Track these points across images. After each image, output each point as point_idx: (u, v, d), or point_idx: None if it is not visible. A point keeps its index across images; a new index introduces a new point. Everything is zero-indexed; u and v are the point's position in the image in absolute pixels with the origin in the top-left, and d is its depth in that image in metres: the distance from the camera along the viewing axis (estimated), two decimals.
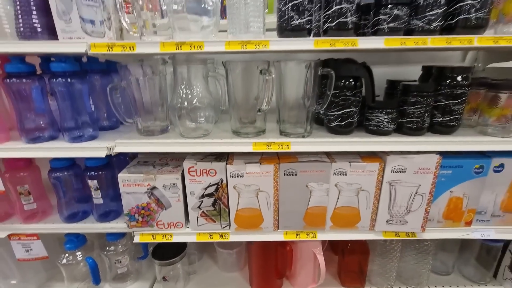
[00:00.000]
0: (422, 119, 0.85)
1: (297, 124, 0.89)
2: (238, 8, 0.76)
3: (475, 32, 0.77)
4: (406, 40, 0.72)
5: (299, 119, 0.88)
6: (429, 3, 0.75)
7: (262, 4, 0.77)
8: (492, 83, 0.85)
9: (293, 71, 0.83)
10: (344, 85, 0.83)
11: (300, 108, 0.87)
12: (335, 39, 0.73)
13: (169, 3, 0.75)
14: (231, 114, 0.89)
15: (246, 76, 0.83)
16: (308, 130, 0.89)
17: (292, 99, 0.86)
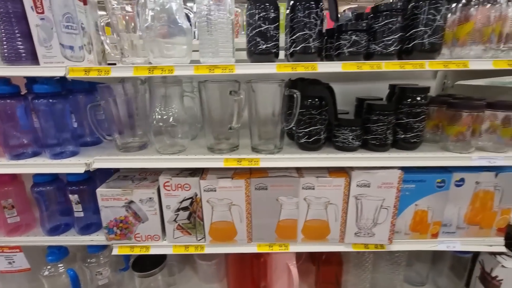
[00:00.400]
0: (384, 136, 0.90)
1: (268, 140, 0.94)
2: (207, 34, 0.82)
3: (429, 55, 0.82)
4: (362, 64, 0.78)
5: (269, 136, 0.93)
6: (384, 30, 0.81)
7: (230, 30, 0.83)
8: (450, 101, 0.90)
9: (263, 91, 0.88)
10: (310, 104, 0.89)
11: (270, 125, 0.92)
12: (296, 64, 0.78)
13: (143, 25, 0.81)
14: (205, 131, 0.94)
15: (218, 95, 0.88)
16: (278, 146, 0.94)
17: (262, 117, 0.91)
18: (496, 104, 0.88)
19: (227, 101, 0.88)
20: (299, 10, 0.80)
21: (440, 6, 0.78)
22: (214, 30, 0.81)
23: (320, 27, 0.82)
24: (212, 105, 0.90)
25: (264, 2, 0.80)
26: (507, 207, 0.95)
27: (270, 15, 0.81)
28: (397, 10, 0.80)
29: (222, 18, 0.81)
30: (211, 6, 0.80)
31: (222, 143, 0.95)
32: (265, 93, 0.89)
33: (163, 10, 0.79)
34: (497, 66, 0.77)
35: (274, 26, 0.82)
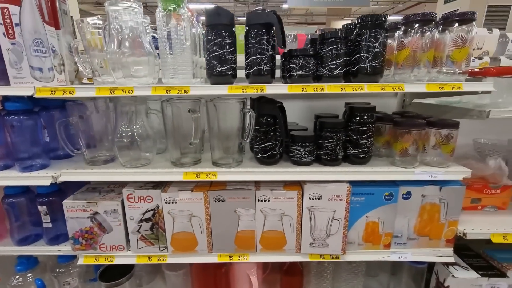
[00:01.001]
0: (335, 152, 0.97)
1: (228, 155, 1.00)
2: (167, 56, 0.89)
3: (371, 78, 0.90)
4: (306, 86, 0.85)
5: (229, 151, 0.99)
6: (329, 55, 0.89)
7: (189, 53, 0.91)
8: (395, 120, 0.97)
9: (222, 109, 0.95)
10: (264, 122, 0.95)
11: (230, 141, 0.98)
12: (246, 86, 0.85)
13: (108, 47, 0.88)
14: (168, 146, 1.00)
15: (178, 113, 0.95)
16: (237, 160, 1.00)
17: (222, 133, 0.97)
18: (436, 122, 0.95)
19: (187, 118, 0.94)
20: (251, 37, 0.88)
21: (378, 35, 0.86)
22: (173, 53, 0.88)
23: (272, 52, 0.90)
24: (174, 122, 0.96)
25: (219, 29, 0.87)
26: (453, 219, 1.01)
27: (225, 41, 0.88)
28: (340, 38, 0.88)
29: (181, 42, 0.88)
30: (171, 30, 0.87)
31: (185, 157, 1.01)
32: (225, 111, 0.95)
33: (126, 33, 0.86)
34: (429, 89, 0.85)
35: (230, 50, 0.90)
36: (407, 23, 0.89)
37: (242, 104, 0.97)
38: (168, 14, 0.85)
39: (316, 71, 0.93)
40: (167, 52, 0.89)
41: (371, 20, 0.87)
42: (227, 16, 0.88)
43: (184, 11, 0.88)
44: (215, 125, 0.96)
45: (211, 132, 0.98)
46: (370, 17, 0.87)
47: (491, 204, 1.13)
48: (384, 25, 0.87)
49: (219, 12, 0.86)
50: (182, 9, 0.86)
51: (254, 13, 0.88)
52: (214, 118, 0.96)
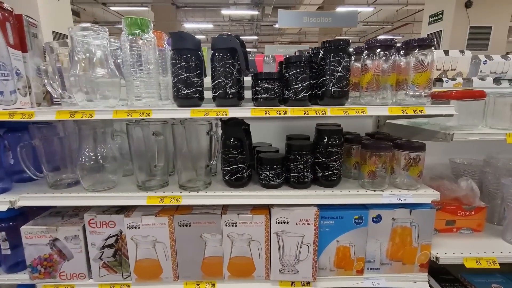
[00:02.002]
0: (303, 175, 0.95)
1: (195, 177, 0.98)
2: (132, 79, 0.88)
3: (336, 101, 0.91)
4: (269, 110, 0.85)
5: (196, 173, 0.97)
6: (293, 79, 0.90)
7: (154, 76, 0.91)
8: (363, 142, 0.97)
9: (189, 131, 0.94)
10: (231, 144, 0.94)
11: (196, 163, 0.96)
12: (208, 109, 0.85)
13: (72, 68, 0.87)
14: (134, 169, 0.98)
15: (144, 136, 0.94)
16: (206, 182, 0.98)
17: (189, 155, 0.96)
18: (402, 145, 0.95)
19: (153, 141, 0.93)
20: (217, 60, 0.89)
21: (341, 59, 0.88)
22: (137, 76, 0.88)
23: (237, 75, 0.90)
24: (139, 144, 0.94)
25: (184, 53, 0.88)
26: (425, 243, 0.99)
27: (190, 65, 0.89)
28: (304, 62, 0.89)
29: (145, 66, 0.89)
30: (135, 54, 0.87)
31: (152, 180, 0.99)
32: (192, 133, 0.95)
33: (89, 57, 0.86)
34: (392, 112, 0.85)
35: (196, 74, 0.90)
36: (369, 48, 0.90)
37: (210, 126, 0.96)
38: (132, 38, 0.86)
39: (282, 94, 0.93)
40: (132, 75, 0.89)
41: (334, 45, 0.89)
42: (192, 41, 0.89)
43: (149, 36, 0.89)
44: (182, 147, 0.95)
45: (178, 154, 0.96)
46: (333, 42, 0.89)
47: (466, 226, 1.12)
48: (347, 50, 0.89)
49: (183, 37, 0.87)
50: (146, 34, 0.87)
51: (218, 38, 0.89)
52: (181, 140, 0.95)
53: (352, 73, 1.02)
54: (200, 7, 10.51)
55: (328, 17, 5.95)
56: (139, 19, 0.86)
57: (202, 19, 11.92)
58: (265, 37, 15.01)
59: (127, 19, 0.85)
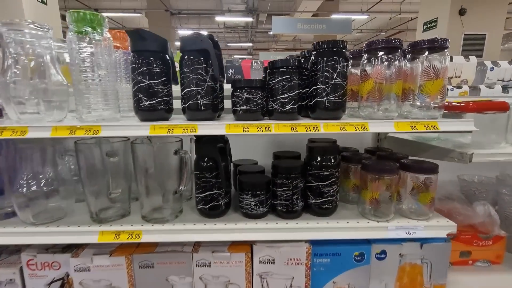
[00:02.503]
0: (291, 202, 0.79)
1: (161, 206, 0.81)
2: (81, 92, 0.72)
3: (331, 114, 0.75)
4: (249, 125, 0.69)
5: (162, 201, 0.80)
6: (279, 87, 0.74)
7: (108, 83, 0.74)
8: (363, 163, 0.81)
9: (153, 151, 0.78)
10: (204, 166, 0.78)
11: (163, 189, 0.79)
12: (173, 125, 0.68)
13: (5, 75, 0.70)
14: (86, 197, 0.81)
15: (97, 156, 0.77)
16: (175, 211, 0.81)
17: (152, 180, 0.79)
18: (410, 166, 0.79)
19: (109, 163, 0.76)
20: (186, 65, 0.73)
21: (336, 64, 0.73)
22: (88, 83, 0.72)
23: (211, 83, 0.74)
24: (91, 167, 0.77)
25: (147, 56, 0.72)
26: (439, 283, 0.82)
27: (154, 70, 0.73)
28: (292, 67, 0.73)
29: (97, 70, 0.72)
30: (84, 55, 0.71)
31: (109, 209, 0.81)
32: (157, 153, 0.78)
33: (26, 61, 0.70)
34: (399, 129, 0.70)
35: (161, 81, 0.74)
36: (369, 50, 0.75)
37: (179, 144, 0.80)
38: (80, 37, 0.70)
39: (266, 106, 0.78)
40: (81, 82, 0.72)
41: (328, 47, 0.74)
42: (155, 41, 0.73)
43: (103, 35, 0.73)
44: (146, 170, 0.78)
45: (141, 178, 0.79)
46: (327, 44, 0.74)
47: (483, 257, 0.96)
48: (343, 53, 0.74)
49: (144, 36, 0.71)
50: (98, 33, 0.71)
51: (187, 38, 0.73)
52: (145, 161, 0.78)
53: (349, 81, 0.87)
54: (194, 14, 10.46)
55: (322, 24, 5.88)
56: (89, 13, 0.70)
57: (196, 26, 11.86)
58: (260, 44, 15.02)
59: (73, 13, 0.69)
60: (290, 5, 9.11)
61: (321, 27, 5.87)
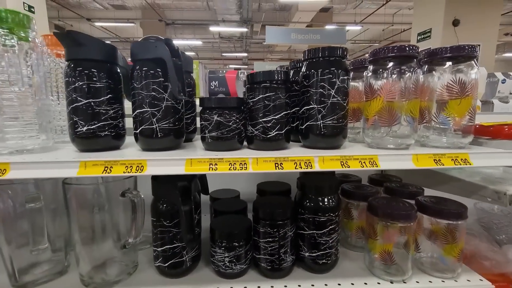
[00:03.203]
0: (278, 257, 0.60)
1: (108, 261, 0.61)
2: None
3: (329, 141, 0.58)
4: (218, 161, 0.51)
5: (108, 256, 0.61)
6: (259, 108, 0.56)
7: (31, 102, 0.56)
8: (371, 204, 0.63)
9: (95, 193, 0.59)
10: (162, 211, 0.59)
11: (106, 243, 0.60)
12: (110, 161, 0.49)
13: None
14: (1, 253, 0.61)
15: (14, 200, 0.57)
16: (129, 266, 0.61)
17: (93, 231, 0.59)
18: (432, 208, 0.61)
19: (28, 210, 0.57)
20: (137, 79, 0.55)
21: (333, 78, 0.55)
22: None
23: (171, 102, 0.56)
24: (5, 215, 0.58)
25: (85, 66, 0.54)
26: None
27: (94, 85, 0.55)
28: (277, 81, 0.56)
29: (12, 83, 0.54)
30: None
31: (36, 267, 0.61)
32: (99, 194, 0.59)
33: None
34: (420, 165, 0.52)
35: (105, 99, 0.56)
36: (376, 60, 0.59)
37: (133, 181, 0.61)
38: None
39: (245, 131, 0.60)
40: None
41: (323, 56, 0.57)
42: (96, 48, 0.55)
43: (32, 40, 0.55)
44: (83, 217, 0.59)
45: (76, 228, 0.59)
46: (321, 52, 0.57)
47: None
48: (343, 64, 0.57)
49: (80, 41, 0.54)
50: (15, 39, 0.53)
51: (137, 44, 0.56)
52: (80, 206, 0.59)
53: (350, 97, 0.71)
54: (188, 24, 10.42)
55: (317, 34, 5.82)
56: (4, 10, 0.52)
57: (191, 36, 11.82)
58: (255, 54, 15.03)
59: None
60: (285, 16, 9.12)
61: (315, 37, 5.80)
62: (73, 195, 0.56)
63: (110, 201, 0.59)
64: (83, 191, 0.57)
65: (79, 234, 0.57)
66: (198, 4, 8.90)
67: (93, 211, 0.57)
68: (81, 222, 0.57)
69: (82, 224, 0.57)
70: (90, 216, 0.57)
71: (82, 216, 0.57)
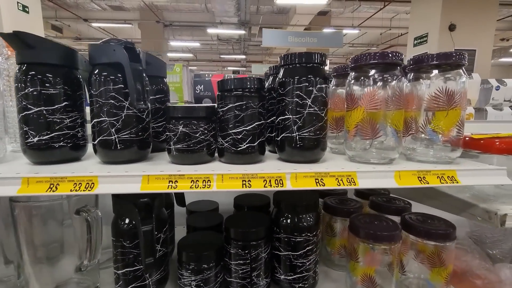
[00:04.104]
0: (249, 281, 0.55)
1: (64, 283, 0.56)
2: None
3: (306, 155, 0.53)
4: (178, 178, 0.46)
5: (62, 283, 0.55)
6: (229, 119, 0.51)
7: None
8: (353, 223, 0.58)
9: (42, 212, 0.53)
10: (122, 231, 0.53)
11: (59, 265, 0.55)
12: (56, 178, 0.44)
13: None
14: None
15: None
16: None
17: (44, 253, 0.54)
18: (417, 227, 0.57)
19: None
20: (94, 85, 0.50)
21: (310, 86, 0.51)
22: None
23: (131, 111, 0.51)
24: None
25: (38, 71, 0.49)
26: None
27: (46, 92, 0.50)
28: (248, 90, 0.51)
29: None
30: None
31: None
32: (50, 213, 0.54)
33: None
34: (402, 183, 0.48)
35: (60, 107, 0.51)
36: (358, 67, 0.54)
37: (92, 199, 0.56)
38: None
39: (215, 143, 0.55)
40: None
41: (300, 62, 0.52)
42: (49, 50, 0.50)
43: None
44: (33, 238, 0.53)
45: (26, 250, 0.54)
46: (298, 57, 0.52)
47: None
48: (321, 71, 0.53)
49: (30, 43, 0.49)
50: None
51: (94, 47, 0.51)
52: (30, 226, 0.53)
53: (334, 105, 0.66)
54: (186, 26, 10.39)
55: (314, 37, 5.80)
56: None
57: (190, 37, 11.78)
58: (253, 57, 15.03)
59: None
60: (283, 19, 9.11)
61: (312, 40, 5.78)
62: (20, 214, 0.51)
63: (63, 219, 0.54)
64: (32, 210, 0.51)
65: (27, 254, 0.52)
66: (197, 6, 8.88)
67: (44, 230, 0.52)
68: (30, 242, 0.52)
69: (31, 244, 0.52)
70: (40, 235, 0.52)
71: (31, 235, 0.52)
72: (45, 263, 0.54)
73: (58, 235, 0.54)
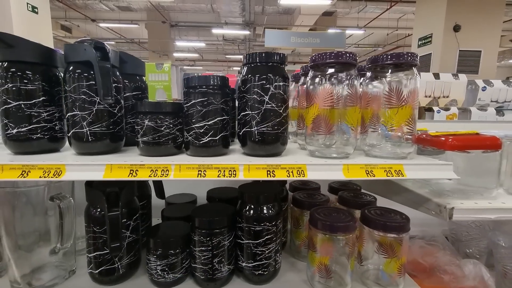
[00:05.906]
0: (211, 267, 0.59)
1: (43, 265, 0.60)
2: None
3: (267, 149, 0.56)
4: (139, 167, 0.49)
5: (43, 260, 0.60)
6: (193, 114, 0.55)
7: None
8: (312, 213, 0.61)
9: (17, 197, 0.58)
10: (92, 217, 0.58)
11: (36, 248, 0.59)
12: (29, 165, 0.49)
13: None
14: None
15: None
16: (67, 270, 0.61)
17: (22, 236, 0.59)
18: (371, 220, 0.59)
19: None
20: (68, 81, 0.54)
21: (267, 84, 0.54)
22: None
23: (102, 105, 0.56)
24: None
25: (17, 68, 0.54)
26: None
27: (24, 88, 0.54)
28: (211, 86, 0.55)
29: None
30: None
31: None
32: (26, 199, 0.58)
33: None
34: (349, 176, 0.50)
35: (37, 102, 0.56)
36: (316, 66, 0.57)
37: (69, 186, 0.60)
38: None
39: (182, 136, 0.59)
40: None
41: (260, 61, 0.56)
42: (26, 50, 0.55)
43: None
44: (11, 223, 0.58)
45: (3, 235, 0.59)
46: (258, 57, 0.56)
47: None
48: (280, 70, 0.56)
49: (8, 43, 0.53)
50: None
51: (69, 46, 0.55)
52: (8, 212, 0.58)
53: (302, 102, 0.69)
54: (192, 26, 10.50)
55: (316, 37, 5.80)
56: None
57: (196, 38, 11.90)
58: None
59: None
60: (288, 19, 9.12)
61: (315, 40, 5.78)
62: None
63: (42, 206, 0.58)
64: (9, 196, 0.56)
65: (5, 239, 0.56)
66: (203, 7, 8.96)
67: (21, 216, 0.56)
68: (7, 226, 0.56)
69: (9, 229, 0.57)
70: (18, 221, 0.57)
71: (9, 220, 0.56)
72: (23, 247, 0.58)
73: (36, 221, 0.59)
